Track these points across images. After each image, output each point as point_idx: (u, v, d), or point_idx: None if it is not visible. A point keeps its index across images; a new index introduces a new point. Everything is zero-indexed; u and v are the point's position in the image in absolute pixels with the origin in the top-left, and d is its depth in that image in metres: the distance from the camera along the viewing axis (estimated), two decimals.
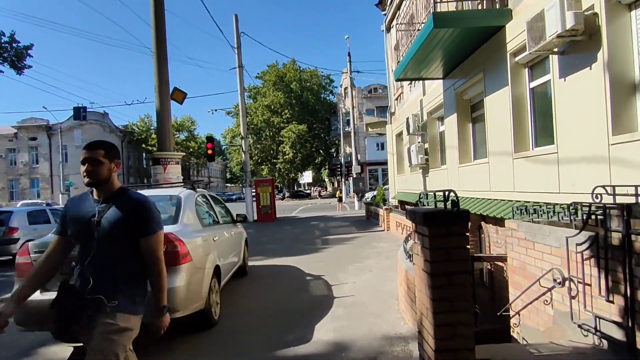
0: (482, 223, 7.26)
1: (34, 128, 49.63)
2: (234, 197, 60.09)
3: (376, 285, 5.37)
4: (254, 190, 18.36)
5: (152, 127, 60.16)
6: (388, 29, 15.02)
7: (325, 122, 53.65)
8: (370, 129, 16.31)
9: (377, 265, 6.55)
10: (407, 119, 11.07)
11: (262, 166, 52.75)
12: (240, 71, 18.37)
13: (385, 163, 49.58)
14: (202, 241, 4.06)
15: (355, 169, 24.74)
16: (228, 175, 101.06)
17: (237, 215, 6.27)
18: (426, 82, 10.72)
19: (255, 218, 18.21)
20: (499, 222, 6.42)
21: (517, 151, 6.01)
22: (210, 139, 17.77)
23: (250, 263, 7.50)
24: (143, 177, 61.24)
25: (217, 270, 4.35)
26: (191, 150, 56.08)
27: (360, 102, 44.85)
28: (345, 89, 51.70)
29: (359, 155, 25.53)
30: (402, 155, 14.47)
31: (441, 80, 9.24)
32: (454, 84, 8.48)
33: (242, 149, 18.33)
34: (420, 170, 11.30)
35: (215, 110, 23.99)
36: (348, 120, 50.61)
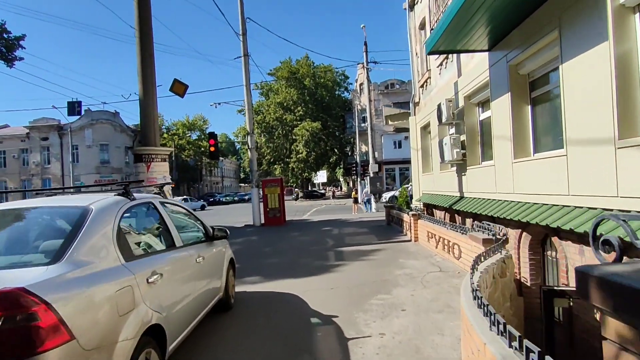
0: (555, 239, 5.30)
1: (46, 128, 49.21)
2: (247, 197, 58.51)
3: (417, 341, 3.47)
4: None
5: (163, 127, 59.48)
6: (412, 6, 13.06)
7: (340, 120, 51.72)
8: (390, 122, 14.35)
9: (412, 299, 4.65)
10: (439, 105, 9.12)
11: (275, 165, 51.20)
12: (246, 60, 16.67)
13: (403, 162, 47.66)
14: (118, 289, 2.27)
15: (372, 167, 22.79)
16: (242, 175, 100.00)
17: (215, 229, 4.47)
18: (462, 59, 8.75)
19: (263, 222, 16.48)
20: (584, 239, 4.46)
21: (624, 137, 4.04)
22: (212, 135, 16.13)
23: (240, 288, 5.72)
24: None
25: (156, 332, 2.58)
26: (203, 149, 54.96)
27: (377, 98, 42.78)
28: (361, 84, 49.70)
29: (375, 153, 23.58)
30: (428, 151, 12.50)
31: (486, 53, 7.28)
32: (505, 55, 6.52)
33: (249, 146, 16.63)
34: (455, 168, 9.33)
35: (219, 103, 21.90)
36: (364, 118, 48.60)
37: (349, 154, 53.70)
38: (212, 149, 16.11)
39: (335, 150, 53.29)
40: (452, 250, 6.25)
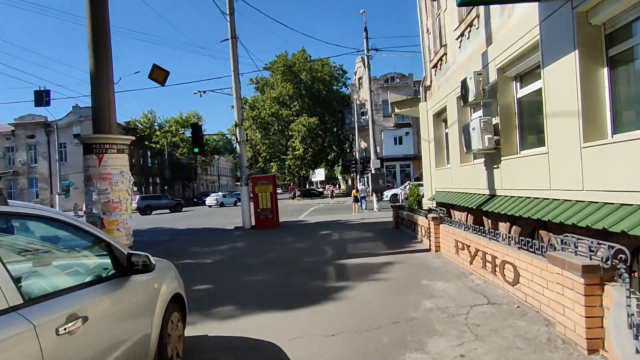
0: None
1: (32, 125, 47.22)
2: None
3: None
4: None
5: (156, 124, 57.57)
6: None
7: (338, 115, 49.87)
8: (397, 110, 12.36)
9: None
10: (464, 82, 7.32)
11: (272, 163, 49.32)
12: (234, 43, 14.83)
13: (404, 159, 45.85)
14: None
15: (374, 163, 21.01)
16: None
17: (132, 256, 2.61)
18: (494, 23, 6.95)
19: (253, 224, 14.69)
20: None
21: None
22: (195, 127, 14.31)
23: (202, 327, 3.93)
24: (147, 177, 58.58)
25: None
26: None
27: (376, 92, 40.98)
28: (360, 78, 47.95)
29: (378, 148, 21.81)
30: (442, 142, 10.73)
31: (534, 5, 5.49)
32: (569, 1, 4.74)
33: (237, 139, 14.82)
34: (482, 160, 7.55)
35: (204, 92, 19.55)
36: (363, 113, 46.89)
37: (348, 150, 51.86)
38: (195, 144, 14.30)
39: (334, 147, 51.44)
40: (502, 272, 4.45)
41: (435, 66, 10.79)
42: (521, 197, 6.13)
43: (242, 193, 14.82)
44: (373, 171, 21.14)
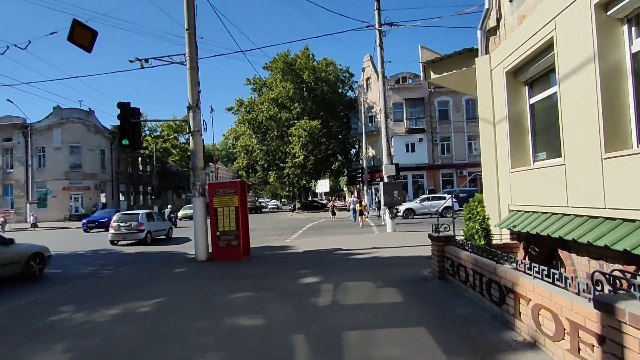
0: None
1: (9, 127, 43.00)
2: None
3: None
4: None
5: (146, 128, 53.21)
6: None
7: (343, 120, 45.06)
8: (432, 75, 7.45)
9: None
10: None
11: (269, 172, 44.51)
12: None
13: (417, 168, 40.08)
14: None
15: (388, 170, 16.09)
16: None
17: None
18: None
19: (210, 252, 9.83)
20: None
21: None
22: (124, 107, 9.52)
23: None
24: (137, 185, 54.07)
25: None
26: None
27: (386, 94, 36.25)
28: (368, 78, 43.22)
29: (392, 150, 16.90)
30: (522, 121, 5.83)
31: None
32: None
33: (190, 127, 10.02)
34: None
35: (146, 60, 14.60)
36: (371, 118, 42.18)
37: (354, 159, 46.97)
38: (123, 135, 9.51)
39: (338, 156, 46.58)
40: None
41: None
42: None
43: (195, 207, 9.93)
44: (386, 179, 16.22)
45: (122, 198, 49.89)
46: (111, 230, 15.69)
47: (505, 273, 3.72)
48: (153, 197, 45.67)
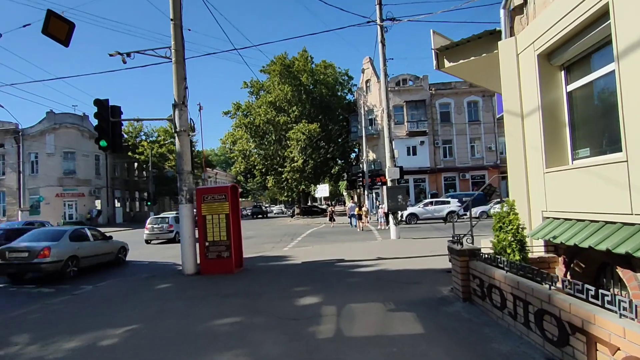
0: None
1: (0, 133, 42.05)
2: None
3: None
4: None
5: (142, 133, 52.29)
6: None
7: (343, 123, 44.15)
8: (449, 63, 6.55)
9: None
10: None
11: (268, 176, 43.55)
12: None
13: (419, 172, 39.12)
14: None
15: (391, 173, 15.17)
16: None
17: None
18: None
19: (199, 263, 8.87)
20: None
21: None
22: (100, 104, 8.58)
23: None
24: (133, 191, 53.01)
25: None
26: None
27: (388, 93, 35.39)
28: (368, 80, 42.40)
29: (395, 151, 15.97)
30: (557, 113, 4.91)
31: None
32: None
33: (175, 127, 9.10)
34: None
35: (128, 54, 13.19)
36: (371, 121, 41.28)
37: (354, 163, 46.04)
38: (104, 133, 8.57)
39: (337, 160, 45.61)
40: None
41: None
42: None
43: (182, 214, 8.97)
44: (389, 183, 15.29)
45: (117, 204, 48.85)
46: (146, 231, 18.48)
47: (570, 306, 2.78)
48: (149, 203, 44.58)
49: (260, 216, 51.07)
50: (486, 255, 4.51)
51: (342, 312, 5.04)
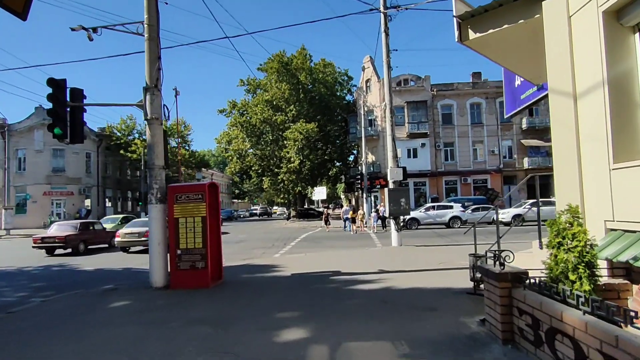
0: None
1: None
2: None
3: None
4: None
5: (135, 130, 50.76)
6: None
7: (341, 124, 42.85)
8: (474, 34, 5.25)
9: None
10: None
11: (264, 177, 42.18)
12: None
13: (419, 175, 37.68)
14: None
15: (394, 174, 13.84)
16: (235, 190, 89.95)
17: None
18: None
19: (168, 277, 7.50)
20: None
21: None
22: (54, 85, 7.23)
23: None
24: (125, 190, 51.45)
25: None
26: (179, 158, 45.97)
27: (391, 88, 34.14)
28: (368, 80, 41.11)
29: (398, 151, 14.64)
30: (629, 90, 3.52)
31: None
32: None
33: (146, 114, 7.76)
34: None
35: (94, 29, 12.27)
36: (371, 122, 39.98)
37: (352, 165, 44.72)
38: (58, 118, 7.22)
39: (335, 162, 44.27)
40: None
41: None
42: None
43: (151, 216, 7.60)
44: (391, 185, 13.96)
45: (108, 204, 47.32)
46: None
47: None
48: (140, 202, 43.06)
49: (266, 216, 59.37)
50: (540, 283, 3.18)
51: (336, 356, 3.69)
